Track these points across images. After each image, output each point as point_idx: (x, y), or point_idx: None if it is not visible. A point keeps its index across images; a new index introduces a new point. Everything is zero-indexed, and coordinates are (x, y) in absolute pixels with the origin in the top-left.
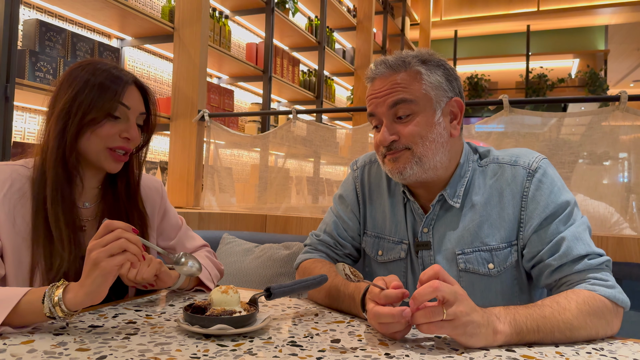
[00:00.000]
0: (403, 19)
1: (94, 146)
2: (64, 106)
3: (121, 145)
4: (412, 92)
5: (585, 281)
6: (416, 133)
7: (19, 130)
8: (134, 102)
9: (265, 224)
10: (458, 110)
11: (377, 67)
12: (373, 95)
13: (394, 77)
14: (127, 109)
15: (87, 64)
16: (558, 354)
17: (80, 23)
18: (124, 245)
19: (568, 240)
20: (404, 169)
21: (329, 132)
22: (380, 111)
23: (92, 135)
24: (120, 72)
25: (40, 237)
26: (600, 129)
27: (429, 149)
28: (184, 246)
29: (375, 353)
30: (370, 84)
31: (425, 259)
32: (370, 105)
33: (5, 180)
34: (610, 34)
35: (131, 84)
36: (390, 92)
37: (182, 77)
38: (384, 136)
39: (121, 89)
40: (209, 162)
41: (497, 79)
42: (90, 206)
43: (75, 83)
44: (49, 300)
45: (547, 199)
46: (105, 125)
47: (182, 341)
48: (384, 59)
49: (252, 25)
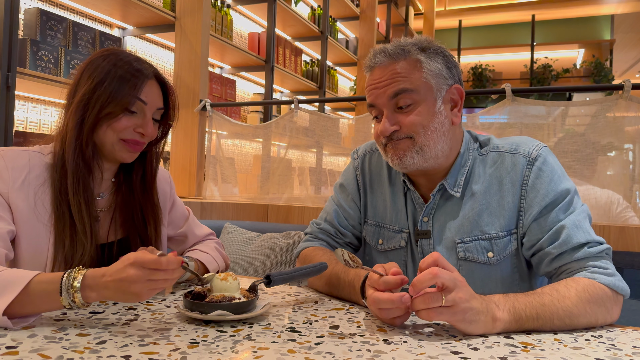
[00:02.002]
0: (407, 8)
1: (108, 138)
2: (82, 97)
3: (134, 139)
4: (412, 81)
5: (585, 269)
6: (418, 122)
7: (20, 119)
8: (152, 98)
9: (267, 214)
10: (458, 98)
11: (376, 56)
12: (373, 86)
13: (394, 66)
14: (144, 104)
15: (109, 53)
16: (557, 340)
17: (82, 12)
18: (167, 283)
19: (568, 228)
20: (404, 156)
21: (331, 122)
22: (381, 102)
23: (108, 128)
24: (142, 64)
25: (65, 226)
26: (604, 119)
27: (430, 138)
28: (193, 233)
29: (373, 339)
30: (370, 74)
31: (425, 247)
32: (370, 96)
33: (24, 166)
34: (616, 24)
35: (151, 77)
36: (391, 82)
37: (184, 66)
38: (385, 127)
39: (140, 83)
40: (211, 152)
41: (502, 69)
42: (105, 196)
43: (95, 74)
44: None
45: (547, 187)
46: (122, 119)
47: (181, 327)
48: (382, 47)
49: (254, 15)
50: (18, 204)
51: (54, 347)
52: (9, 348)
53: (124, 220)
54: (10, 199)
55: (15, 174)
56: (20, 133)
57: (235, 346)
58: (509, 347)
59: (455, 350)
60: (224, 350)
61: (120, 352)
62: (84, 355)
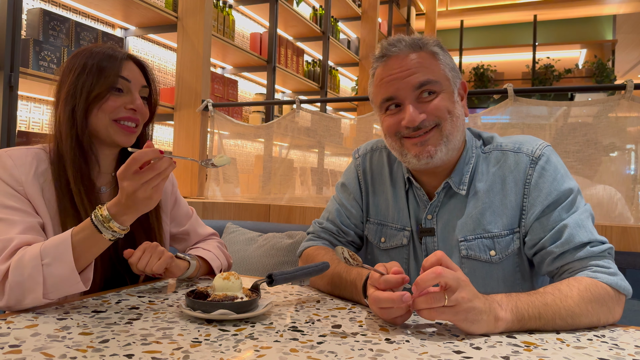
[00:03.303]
0: (408, 8)
1: (102, 121)
2: (68, 89)
3: (127, 116)
4: (434, 72)
5: (587, 268)
6: (443, 107)
7: (23, 119)
8: (134, 75)
9: (269, 214)
10: (464, 92)
11: (394, 45)
12: (392, 76)
13: (413, 55)
14: (128, 82)
15: (83, 50)
16: (559, 340)
17: (84, 12)
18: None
19: (570, 227)
20: (435, 152)
21: (333, 122)
22: (403, 93)
23: (99, 111)
24: (115, 51)
25: (70, 218)
26: (606, 119)
27: (455, 125)
28: (196, 232)
29: (375, 338)
30: (384, 64)
31: (428, 245)
32: (389, 87)
33: (32, 161)
34: (619, 24)
35: (127, 59)
36: (414, 71)
37: (186, 67)
38: (413, 116)
39: (119, 63)
40: (212, 152)
41: (503, 70)
42: (106, 191)
43: (74, 68)
44: (103, 226)
45: (550, 186)
46: (110, 99)
47: (184, 326)
48: (398, 37)
49: (256, 15)
50: (35, 197)
51: (57, 346)
52: (12, 347)
53: None
54: (27, 194)
55: (25, 171)
56: (23, 133)
57: (237, 345)
58: (512, 347)
59: (458, 349)
60: (226, 349)
61: (123, 351)
62: (87, 354)
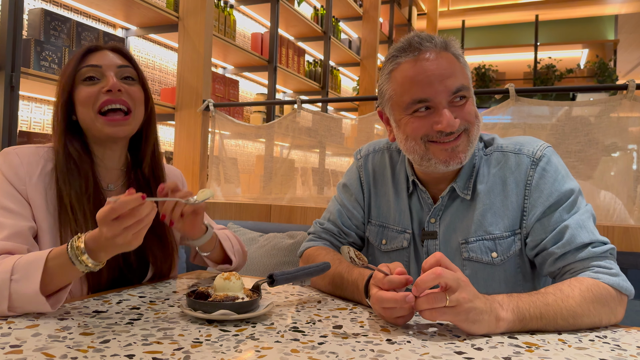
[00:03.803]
0: (410, 8)
1: (88, 117)
2: (56, 95)
3: (108, 99)
4: (465, 76)
5: (589, 269)
6: (473, 112)
7: (24, 119)
8: (105, 60)
9: (270, 214)
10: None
11: (427, 41)
12: (428, 77)
13: (448, 56)
14: (98, 67)
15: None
16: (561, 341)
17: (85, 12)
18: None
19: (572, 228)
20: (465, 158)
21: (334, 122)
22: (440, 97)
23: (79, 106)
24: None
25: (67, 218)
26: (608, 119)
27: (478, 130)
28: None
29: (377, 339)
30: (413, 60)
31: (430, 248)
32: (425, 89)
33: (38, 160)
34: (620, 24)
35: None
36: (450, 75)
37: (187, 67)
38: (451, 121)
39: (79, 57)
40: (214, 153)
41: (505, 70)
42: (114, 189)
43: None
44: (77, 260)
45: (551, 187)
46: (82, 89)
47: (185, 326)
48: (427, 34)
49: (257, 15)
50: (36, 199)
51: (58, 346)
52: (13, 347)
53: None
54: (28, 195)
55: (31, 170)
56: (24, 133)
57: (238, 346)
58: (513, 347)
59: (459, 350)
60: (227, 349)
61: (124, 351)
62: (88, 354)
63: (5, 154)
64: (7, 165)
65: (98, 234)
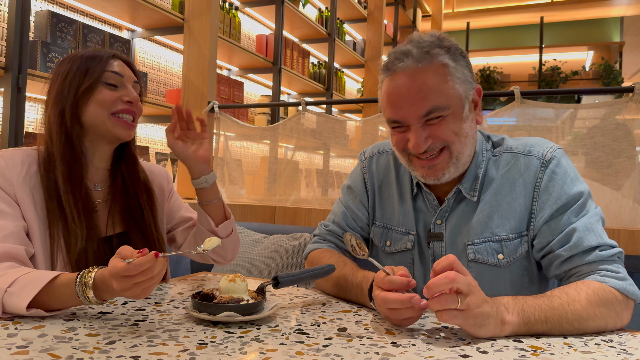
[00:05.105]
0: (414, 10)
1: (98, 115)
2: (56, 92)
3: (124, 109)
4: (443, 94)
5: (596, 272)
6: (450, 130)
7: (31, 120)
8: (125, 71)
9: (274, 216)
10: (478, 98)
11: (400, 59)
12: (398, 99)
13: (422, 75)
14: (120, 77)
15: (69, 56)
16: (566, 345)
17: (91, 14)
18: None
19: (579, 231)
20: (443, 174)
21: (339, 123)
22: (409, 120)
23: (92, 104)
24: (99, 51)
25: (56, 218)
26: (614, 122)
27: (463, 144)
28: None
29: (381, 342)
30: (390, 78)
31: (436, 250)
32: (395, 111)
33: (23, 162)
34: (626, 26)
35: (113, 57)
36: (421, 97)
37: (192, 68)
38: (418, 143)
39: (106, 59)
40: (218, 154)
41: (510, 72)
42: (101, 188)
43: (61, 71)
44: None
45: (560, 190)
46: (103, 91)
47: (190, 328)
48: (407, 49)
49: (262, 17)
50: (24, 199)
51: (64, 347)
52: (19, 347)
53: (122, 212)
54: (17, 196)
55: (16, 171)
56: (30, 134)
57: (243, 347)
58: (518, 351)
59: (464, 353)
60: (232, 351)
61: (130, 352)
62: (94, 355)
63: None
64: None
65: (108, 278)
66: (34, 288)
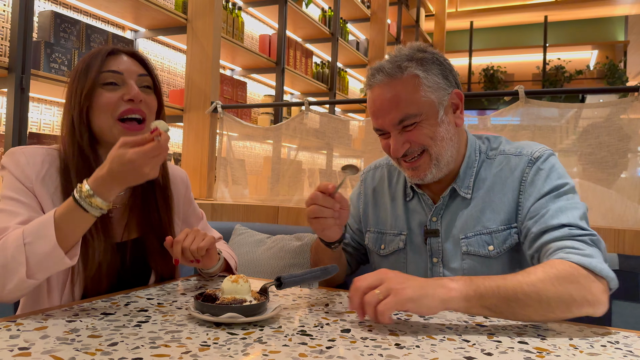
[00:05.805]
0: (418, 10)
1: (104, 122)
2: (67, 96)
3: (128, 109)
4: (414, 103)
5: (562, 250)
6: (424, 135)
7: (34, 121)
8: (125, 66)
9: (278, 216)
10: (459, 101)
11: (375, 75)
12: (375, 110)
13: (393, 87)
14: (119, 74)
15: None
16: (572, 346)
17: (95, 15)
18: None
19: (551, 210)
20: (425, 175)
21: (342, 123)
22: (387, 128)
23: (96, 110)
24: (101, 48)
25: None
26: (618, 121)
27: (441, 147)
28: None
29: (385, 343)
30: (370, 92)
31: (433, 245)
32: (375, 120)
33: (43, 161)
34: (630, 25)
35: (114, 53)
36: (393, 107)
37: (195, 68)
38: (396, 147)
39: (102, 59)
40: (221, 154)
41: (514, 71)
42: (121, 193)
43: (71, 75)
44: (86, 204)
45: (544, 182)
46: (102, 94)
47: (192, 329)
48: (380, 66)
49: (265, 17)
50: (43, 197)
51: (66, 349)
52: (21, 349)
53: (140, 218)
54: (36, 192)
55: (36, 170)
56: (34, 134)
57: (246, 349)
58: (524, 353)
59: (469, 355)
60: (235, 353)
61: (132, 354)
62: (96, 357)
63: (12, 153)
64: (14, 164)
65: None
66: (47, 228)
